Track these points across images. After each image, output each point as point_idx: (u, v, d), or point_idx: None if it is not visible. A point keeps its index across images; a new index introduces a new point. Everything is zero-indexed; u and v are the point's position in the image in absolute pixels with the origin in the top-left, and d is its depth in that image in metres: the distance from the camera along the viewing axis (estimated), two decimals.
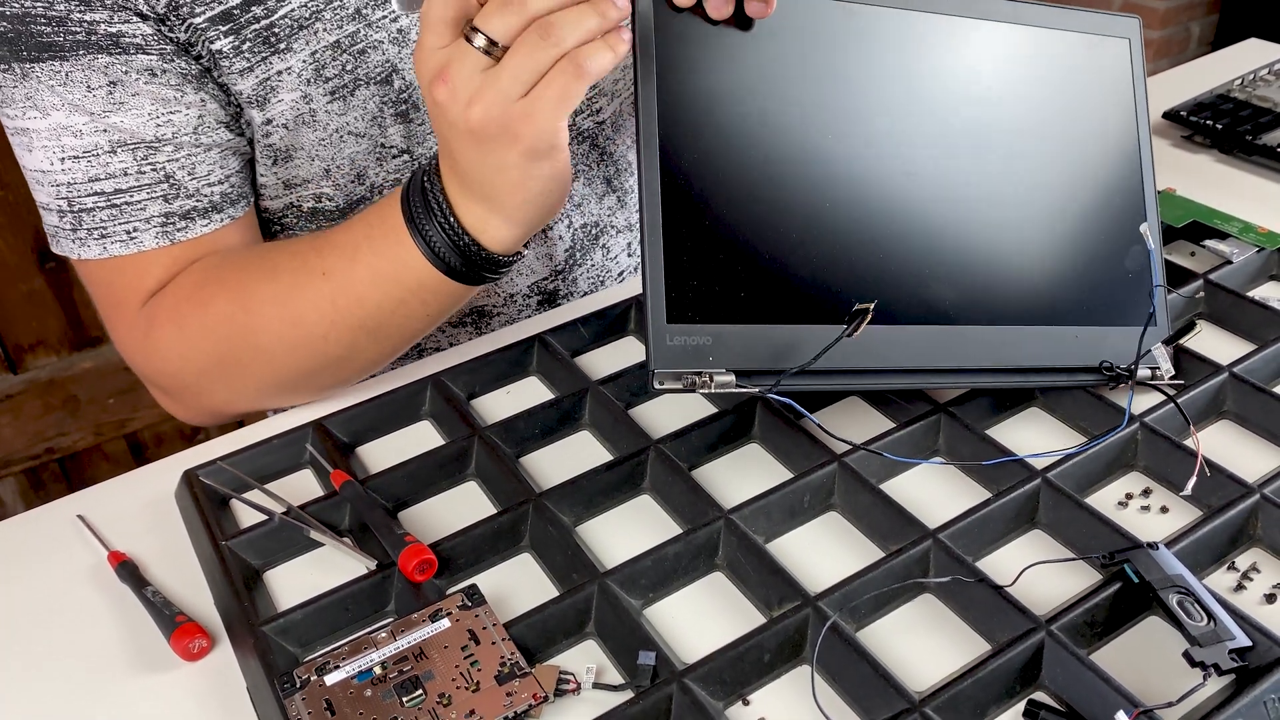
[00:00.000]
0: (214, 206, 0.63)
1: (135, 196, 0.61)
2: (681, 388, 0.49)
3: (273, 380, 0.62)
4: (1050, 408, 0.59)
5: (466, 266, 0.56)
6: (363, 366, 0.63)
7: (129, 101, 0.59)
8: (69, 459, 1.52)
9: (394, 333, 0.60)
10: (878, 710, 0.43)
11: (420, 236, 0.55)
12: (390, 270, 0.56)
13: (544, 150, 0.50)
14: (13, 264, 1.35)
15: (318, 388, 0.63)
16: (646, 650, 0.45)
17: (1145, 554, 0.47)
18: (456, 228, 0.54)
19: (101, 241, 0.62)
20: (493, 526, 0.52)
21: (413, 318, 0.59)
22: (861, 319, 0.50)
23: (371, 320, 0.58)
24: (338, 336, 0.59)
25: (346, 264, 0.58)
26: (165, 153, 0.61)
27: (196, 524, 0.54)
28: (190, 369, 0.63)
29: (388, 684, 0.45)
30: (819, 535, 0.53)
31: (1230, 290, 0.65)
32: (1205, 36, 2.18)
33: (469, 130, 0.50)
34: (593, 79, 0.48)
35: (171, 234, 0.62)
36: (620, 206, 0.81)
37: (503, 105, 0.48)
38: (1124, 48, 0.61)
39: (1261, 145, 0.82)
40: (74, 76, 0.57)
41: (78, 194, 0.60)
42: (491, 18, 0.48)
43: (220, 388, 0.63)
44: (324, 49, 0.62)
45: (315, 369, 0.61)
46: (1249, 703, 0.42)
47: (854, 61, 0.55)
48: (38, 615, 0.52)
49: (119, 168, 0.60)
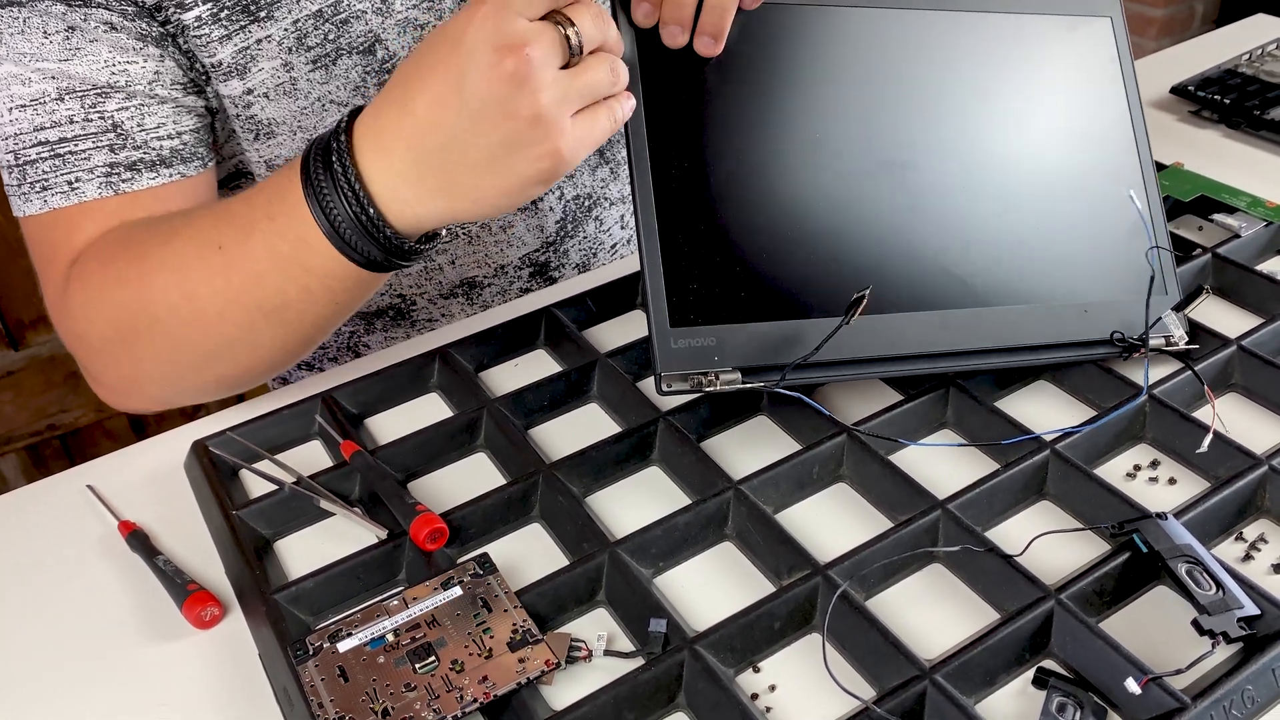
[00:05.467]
0: (162, 160, 0.60)
1: (80, 145, 0.58)
2: (689, 388, 0.50)
3: (170, 358, 0.58)
4: (1058, 380, 0.59)
5: (369, 244, 0.51)
6: (268, 356, 0.58)
7: (85, 47, 0.57)
8: (70, 435, 1.52)
9: (295, 318, 0.55)
10: (888, 678, 0.44)
11: (320, 207, 0.50)
12: (290, 252, 0.52)
13: (555, 177, 0.49)
14: (13, 240, 1.35)
15: (221, 376, 0.59)
16: (657, 618, 0.46)
17: (1154, 524, 0.47)
18: (355, 185, 0.50)
19: (43, 195, 0.59)
20: (503, 497, 0.52)
21: (317, 303, 0.54)
22: (859, 305, 0.50)
23: (270, 302, 0.54)
24: (234, 317, 0.55)
25: (243, 239, 0.53)
26: (116, 100, 0.58)
27: (206, 494, 0.54)
28: (94, 334, 0.59)
29: (400, 651, 0.45)
30: (828, 506, 0.53)
31: (1238, 264, 0.65)
32: (1209, 14, 2.17)
33: (531, 114, 0.47)
34: (615, 130, 0.50)
35: (115, 184, 0.59)
36: (613, 178, 0.80)
37: (567, 108, 0.48)
38: (1106, 26, 0.62)
39: (1269, 120, 0.81)
40: (31, 23, 0.56)
41: (22, 145, 0.58)
42: (586, 20, 0.48)
43: (124, 360, 0.59)
44: (306, 18, 0.61)
45: (213, 350, 0.57)
46: (1257, 670, 0.42)
47: (839, 60, 0.56)
48: (49, 585, 0.52)
49: (64, 115, 0.57)
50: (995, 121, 0.59)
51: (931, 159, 0.57)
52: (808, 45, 0.55)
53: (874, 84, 0.56)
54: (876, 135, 0.56)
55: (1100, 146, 0.60)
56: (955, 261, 0.56)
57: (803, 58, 0.55)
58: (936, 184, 0.56)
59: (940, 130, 0.57)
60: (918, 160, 0.56)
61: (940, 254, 0.55)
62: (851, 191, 0.55)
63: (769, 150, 0.54)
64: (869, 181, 0.55)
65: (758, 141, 0.54)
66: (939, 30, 0.58)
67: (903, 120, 0.56)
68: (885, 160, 0.56)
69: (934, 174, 0.56)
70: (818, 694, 0.44)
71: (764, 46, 0.54)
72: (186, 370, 0.59)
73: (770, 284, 0.52)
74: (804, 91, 0.55)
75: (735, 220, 0.52)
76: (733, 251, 0.52)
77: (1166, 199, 0.72)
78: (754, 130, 0.54)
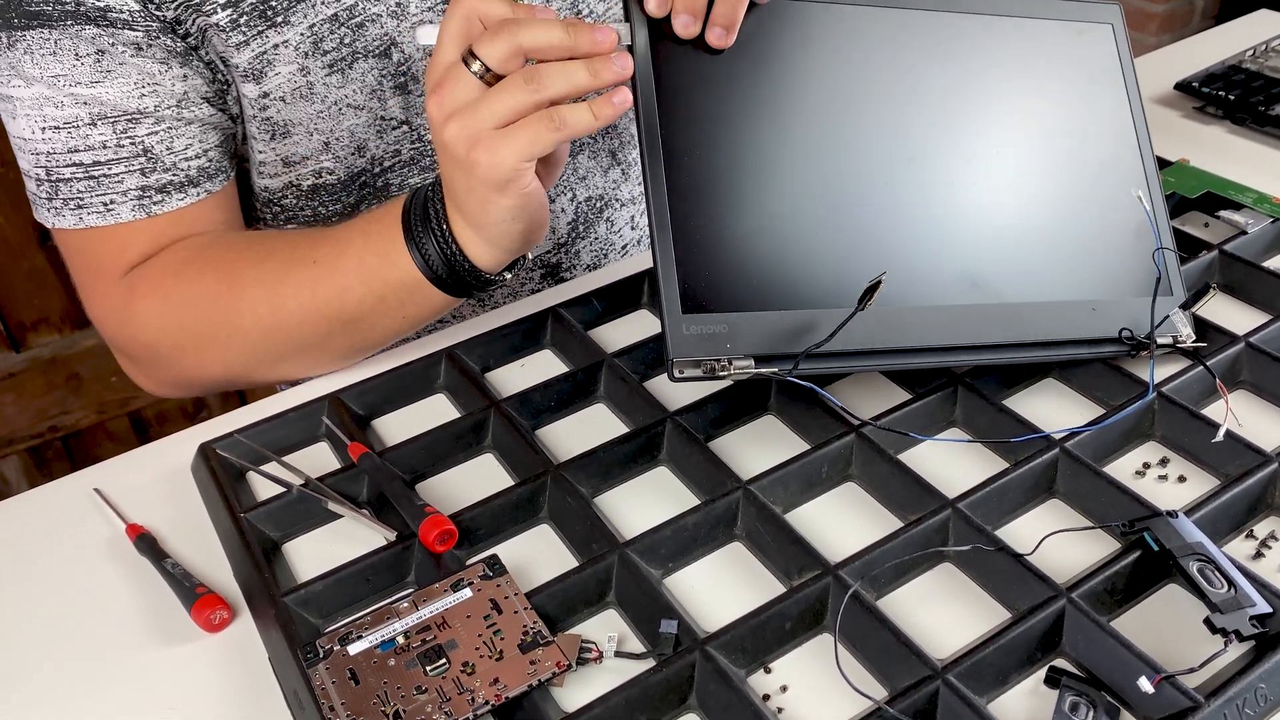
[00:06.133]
0: (190, 180, 0.64)
1: (113, 170, 0.61)
2: (701, 374, 0.50)
3: (242, 361, 0.63)
4: (1066, 378, 0.59)
5: (451, 276, 0.57)
6: (331, 359, 0.63)
7: (115, 70, 0.59)
8: (72, 437, 1.52)
9: (367, 329, 0.61)
10: (900, 678, 0.43)
11: (413, 240, 0.57)
12: (377, 266, 0.58)
13: (499, 183, 0.52)
14: (14, 242, 1.35)
15: (284, 372, 0.64)
16: (668, 619, 0.46)
17: (1164, 522, 0.47)
18: (448, 235, 0.56)
19: (78, 212, 0.62)
20: (511, 498, 0.52)
21: (389, 316, 0.60)
22: (874, 290, 0.50)
23: (349, 312, 0.59)
24: (314, 325, 0.60)
25: (337, 253, 0.59)
26: (145, 125, 0.61)
27: (214, 496, 0.54)
28: (166, 341, 0.64)
29: (411, 653, 0.45)
30: (837, 505, 0.53)
31: (1245, 260, 0.65)
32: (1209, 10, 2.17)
33: (443, 144, 0.52)
34: (567, 136, 0.51)
35: (148, 207, 0.63)
36: (625, 179, 0.80)
37: (474, 129, 0.51)
38: (1108, 32, 0.63)
39: (1274, 116, 0.81)
40: (63, 45, 0.58)
41: (56, 164, 0.61)
42: (486, 44, 0.50)
43: (190, 361, 0.64)
44: (321, 22, 0.62)
45: (286, 353, 0.62)
46: (1270, 668, 0.42)
47: (851, 57, 0.56)
48: (57, 588, 0.52)
49: (98, 140, 0.61)
50: (1003, 121, 0.59)
51: (941, 155, 0.57)
52: (819, 41, 0.55)
53: (885, 80, 0.56)
54: (888, 130, 0.56)
55: (1104, 147, 0.61)
56: (965, 256, 0.56)
57: (814, 53, 0.55)
58: (946, 180, 0.56)
59: (950, 127, 0.57)
60: (928, 156, 0.56)
61: (950, 248, 0.55)
62: (863, 185, 0.55)
63: (779, 142, 0.54)
64: (880, 176, 0.55)
65: (768, 133, 0.53)
66: (948, 31, 0.58)
67: (913, 116, 0.57)
68: (896, 155, 0.56)
69: (943, 170, 0.56)
70: (830, 694, 0.44)
71: (776, 41, 0.54)
72: (251, 370, 0.64)
73: (782, 273, 0.52)
74: (815, 86, 0.55)
75: (746, 209, 0.52)
76: (744, 240, 0.52)
77: (1172, 195, 0.72)
78: (765, 121, 0.53)
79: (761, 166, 0.53)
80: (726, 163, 0.52)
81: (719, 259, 0.51)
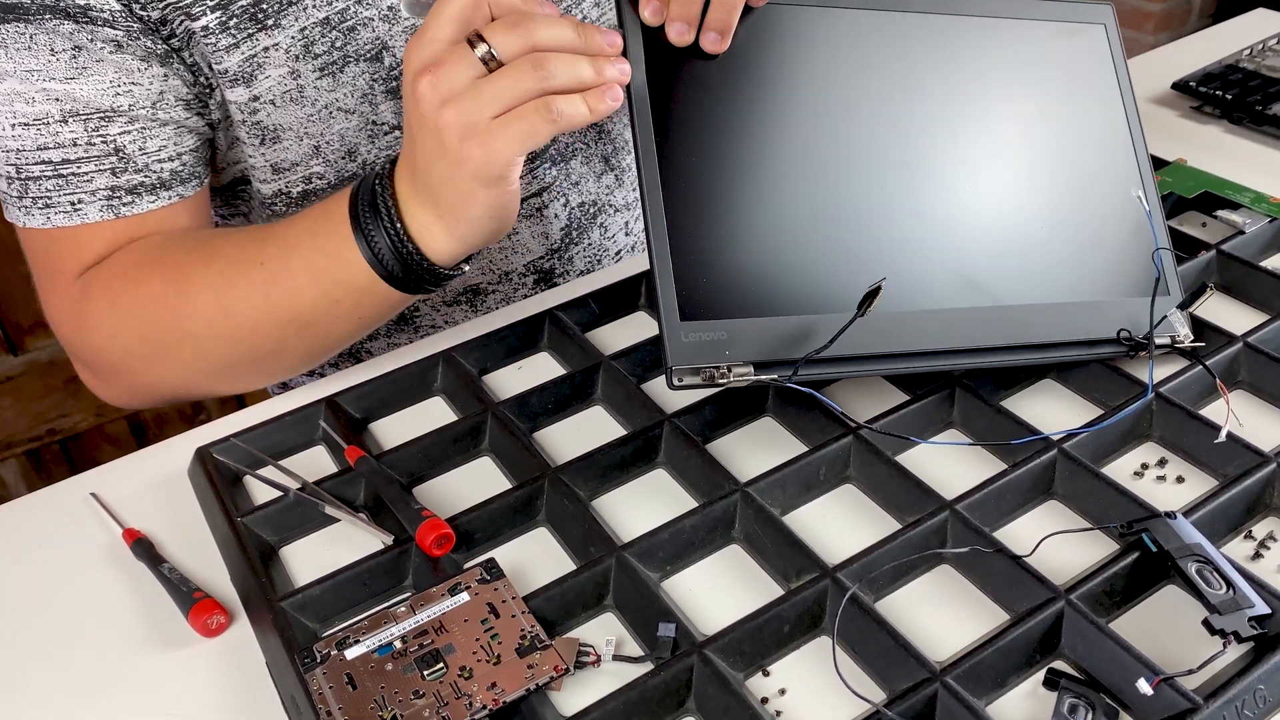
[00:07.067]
0: (162, 183, 0.62)
1: (83, 168, 0.60)
2: (700, 382, 0.50)
3: (198, 368, 0.61)
4: (1064, 378, 0.59)
5: (405, 273, 0.56)
6: (289, 365, 0.62)
7: (92, 67, 0.58)
8: (71, 440, 1.51)
9: (322, 332, 0.59)
10: (898, 680, 0.43)
11: (363, 237, 0.55)
12: (327, 266, 0.56)
13: (491, 178, 0.51)
14: (12, 245, 1.35)
15: (242, 382, 0.63)
16: (666, 622, 0.45)
17: (1163, 523, 0.47)
18: (401, 233, 0.55)
19: (46, 211, 0.61)
20: (508, 501, 0.52)
21: (343, 319, 0.58)
22: (874, 297, 0.50)
23: (303, 316, 0.58)
24: (267, 330, 0.58)
25: (284, 255, 0.57)
26: (119, 124, 0.59)
27: (211, 501, 0.54)
28: (117, 346, 0.62)
29: (408, 658, 0.45)
30: (835, 508, 0.53)
31: (1243, 260, 0.65)
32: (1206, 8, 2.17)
33: (435, 129, 0.50)
34: (560, 128, 0.50)
35: (117, 208, 0.61)
36: (618, 185, 0.80)
37: (472, 117, 0.50)
38: (1100, 33, 0.63)
39: (1271, 115, 0.81)
40: (38, 39, 0.57)
41: (25, 161, 0.59)
42: (499, 33, 0.49)
43: (144, 369, 0.62)
44: (313, 25, 0.61)
45: (241, 361, 0.61)
46: (1269, 669, 0.42)
47: (846, 60, 0.56)
48: (54, 594, 0.52)
49: (68, 138, 0.59)
50: (998, 124, 0.59)
51: (938, 158, 0.57)
52: (813, 45, 0.55)
53: (881, 84, 0.56)
54: (884, 134, 0.56)
55: (1100, 149, 0.61)
56: (962, 259, 0.56)
57: (809, 57, 0.55)
58: (943, 183, 0.56)
59: (945, 130, 0.57)
60: (924, 159, 0.56)
61: (947, 252, 0.55)
62: (859, 189, 0.55)
63: (774, 147, 0.54)
64: (876, 179, 0.55)
65: (763, 137, 0.54)
66: (943, 33, 0.59)
67: (909, 120, 0.57)
68: (892, 159, 0.56)
69: (940, 173, 0.57)
70: (828, 697, 0.44)
71: (771, 46, 0.54)
72: (210, 378, 0.62)
73: (778, 279, 0.52)
74: (810, 90, 0.55)
75: (743, 215, 0.52)
76: (741, 246, 0.52)
77: (1170, 195, 0.72)
78: (759, 126, 0.54)
79: (756, 172, 0.53)
80: (721, 169, 0.52)
81: (716, 265, 0.51)
